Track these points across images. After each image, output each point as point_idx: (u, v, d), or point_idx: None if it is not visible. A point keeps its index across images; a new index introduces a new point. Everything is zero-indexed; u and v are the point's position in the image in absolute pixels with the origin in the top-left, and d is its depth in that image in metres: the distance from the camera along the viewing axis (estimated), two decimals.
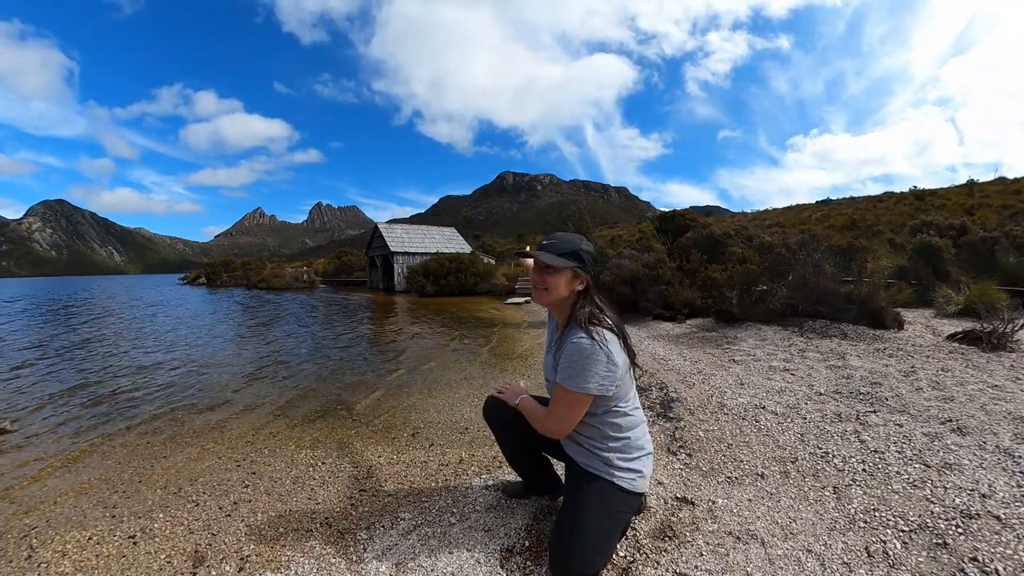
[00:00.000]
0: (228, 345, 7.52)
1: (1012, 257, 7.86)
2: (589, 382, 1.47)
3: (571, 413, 1.54)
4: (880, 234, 16.97)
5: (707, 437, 2.69)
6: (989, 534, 1.63)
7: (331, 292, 23.29)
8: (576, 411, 1.54)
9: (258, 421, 3.59)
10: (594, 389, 1.48)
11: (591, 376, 1.47)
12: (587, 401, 1.52)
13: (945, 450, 2.28)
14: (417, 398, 4.08)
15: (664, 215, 14.69)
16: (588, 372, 1.47)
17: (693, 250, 9.45)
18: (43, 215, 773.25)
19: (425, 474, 2.50)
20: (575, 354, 1.49)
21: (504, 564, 1.66)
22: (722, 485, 2.15)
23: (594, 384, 1.48)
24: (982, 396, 3.02)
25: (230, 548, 1.87)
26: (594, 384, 1.48)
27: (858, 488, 2.02)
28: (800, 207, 40.21)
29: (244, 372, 5.40)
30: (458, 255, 20.58)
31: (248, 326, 10.19)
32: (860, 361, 4.09)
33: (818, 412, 2.93)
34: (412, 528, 1.91)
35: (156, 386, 4.79)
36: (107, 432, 3.43)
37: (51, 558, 1.86)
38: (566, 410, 1.54)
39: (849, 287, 5.99)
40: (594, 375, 1.47)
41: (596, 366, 1.47)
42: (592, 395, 1.50)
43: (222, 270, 35.97)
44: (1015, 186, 25.06)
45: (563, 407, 1.54)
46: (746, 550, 1.64)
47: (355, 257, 34.31)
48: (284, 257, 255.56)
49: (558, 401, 1.55)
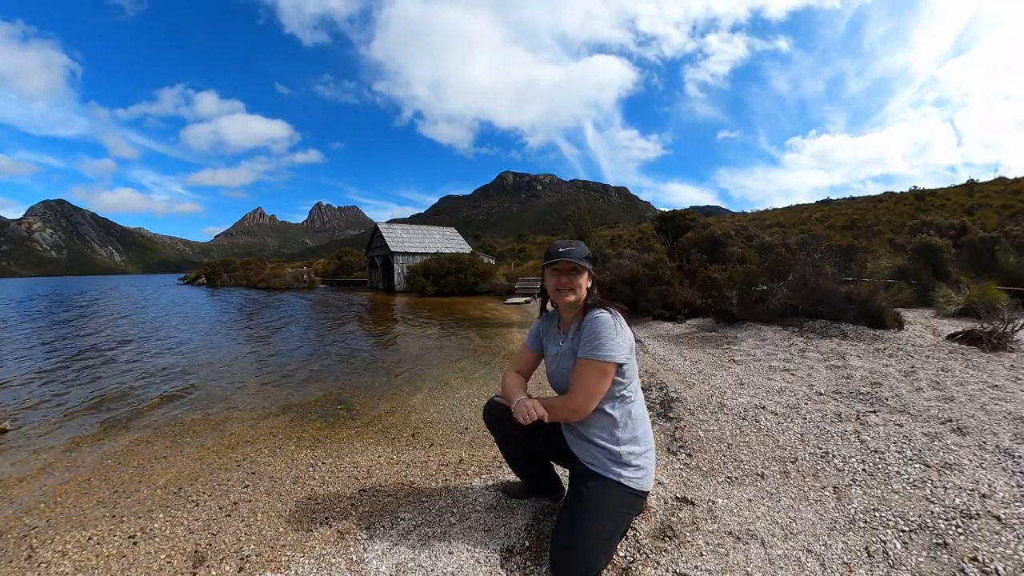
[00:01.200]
0: (228, 345, 7.52)
1: (1012, 257, 7.86)
2: (614, 350, 1.58)
3: (597, 386, 1.59)
4: (880, 234, 16.97)
5: (707, 437, 2.69)
6: (989, 534, 1.63)
7: (331, 292, 23.29)
8: (603, 384, 1.60)
9: (258, 421, 3.59)
10: (619, 356, 1.59)
11: (615, 345, 1.59)
12: (611, 372, 1.60)
13: (945, 450, 2.28)
14: (417, 398, 4.08)
15: (664, 215, 14.68)
16: (612, 341, 1.58)
17: (693, 250, 9.46)
18: (43, 215, 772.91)
19: (425, 474, 2.50)
20: (598, 326, 1.60)
21: (504, 564, 1.66)
22: (722, 485, 2.15)
23: (618, 352, 1.59)
24: (982, 396, 3.02)
25: (230, 548, 1.87)
26: (618, 352, 1.59)
27: (858, 488, 2.02)
28: (800, 207, 40.22)
29: (244, 372, 5.40)
30: (458, 255, 20.59)
31: (248, 326, 10.19)
32: (860, 361, 4.09)
33: (818, 412, 2.93)
34: (412, 528, 1.91)
35: (156, 386, 4.79)
36: (107, 432, 3.43)
37: (51, 558, 1.86)
38: (593, 383, 1.59)
39: (849, 287, 5.99)
40: (617, 344, 1.59)
41: (618, 336, 1.60)
42: (616, 363, 1.59)
43: (222, 270, 35.99)
44: (1015, 186, 25.08)
45: (589, 380, 1.59)
46: (746, 550, 1.64)
47: (355, 257, 34.32)
48: (284, 257, 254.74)
49: (583, 376, 1.60)
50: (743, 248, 9.67)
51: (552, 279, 1.73)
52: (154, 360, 6.25)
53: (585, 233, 11.34)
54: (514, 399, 1.73)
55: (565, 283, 1.70)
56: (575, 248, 1.71)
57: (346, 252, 36.97)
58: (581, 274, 1.70)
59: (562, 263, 1.69)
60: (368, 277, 26.37)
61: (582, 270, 1.69)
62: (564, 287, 1.70)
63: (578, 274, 1.69)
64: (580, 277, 1.69)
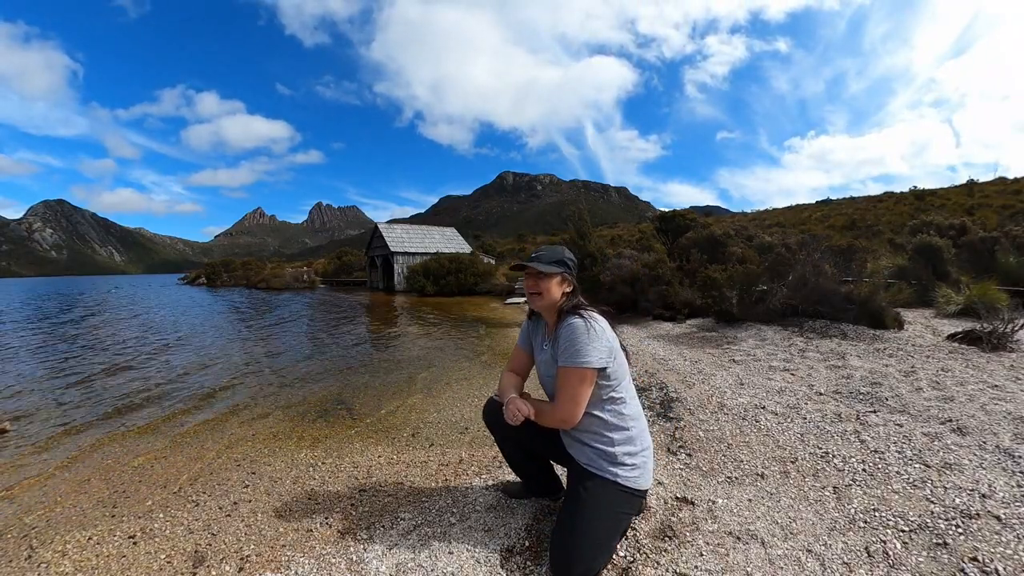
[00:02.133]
0: (228, 345, 7.52)
1: (1012, 257, 7.86)
2: (590, 355, 1.58)
3: (579, 393, 1.59)
4: (880, 234, 16.96)
5: (707, 437, 2.69)
6: (989, 534, 1.63)
7: (331, 292, 23.29)
8: (584, 390, 1.60)
9: (258, 421, 3.59)
10: (595, 361, 1.58)
11: (590, 350, 1.58)
12: (592, 377, 1.60)
13: (945, 450, 2.28)
14: (417, 398, 4.08)
15: (664, 215, 14.66)
16: (587, 346, 1.58)
17: (693, 250, 9.45)
18: (43, 215, 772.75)
19: (425, 474, 2.50)
20: (571, 333, 1.61)
21: (504, 564, 1.66)
22: (722, 485, 2.15)
23: (594, 356, 1.58)
24: (982, 396, 3.02)
25: (230, 548, 1.87)
26: (594, 356, 1.58)
27: (858, 488, 2.02)
28: (800, 207, 40.21)
29: (244, 372, 5.39)
30: (458, 255, 20.59)
31: (248, 326, 10.19)
32: (860, 361, 4.09)
33: (818, 412, 2.93)
34: (412, 528, 1.91)
35: (156, 386, 4.79)
36: (107, 432, 3.43)
37: (51, 558, 1.86)
38: (574, 390, 1.59)
39: (849, 287, 5.99)
40: (592, 348, 1.59)
41: (592, 340, 1.60)
42: (595, 368, 1.59)
43: (222, 270, 36.02)
44: (1015, 186, 25.07)
45: (570, 388, 1.60)
46: (746, 550, 1.64)
47: (355, 257, 34.32)
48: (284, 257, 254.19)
49: (564, 384, 1.61)
50: (743, 248, 9.67)
51: (527, 282, 1.78)
52: (154, 360, 6.25)
53: (585, 233, 11.33)
54: (505, 399, 1.75)
55: (531, 286, 1.75)
56: (546, 253, 1.76)
57: (346, 252, 36.98)
58: (549, 279, 1.72)
59: (529, 267, 1.73)
60: (368, 277, 26.37)
61: (549, 275, 1.71)
62: (530, 289, 1.75)
63: (545, 278, 1.72)
64: (547, 282, 1.71)
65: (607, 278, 8.42)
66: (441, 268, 18.89)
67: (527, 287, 1.78)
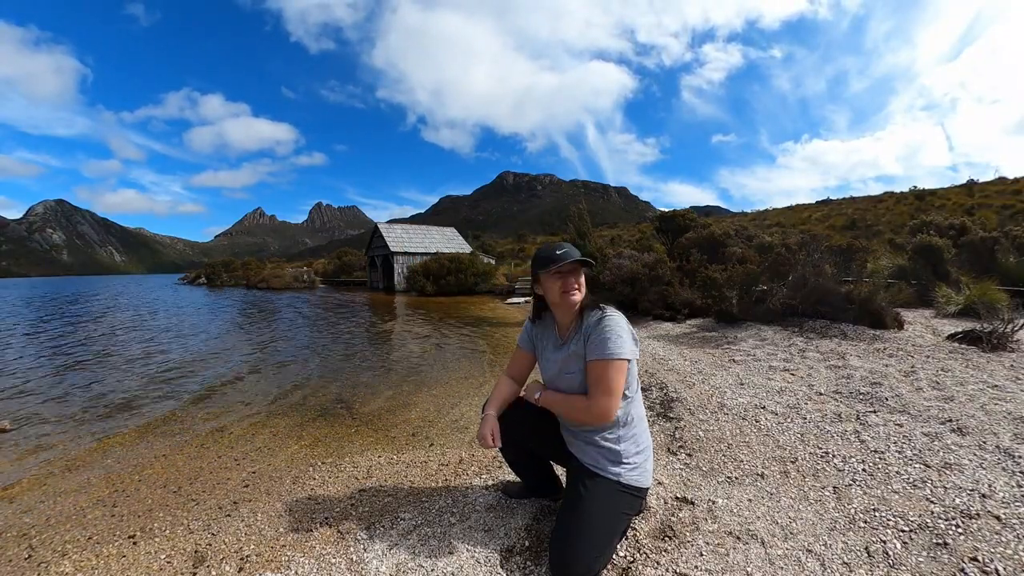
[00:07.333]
0: (228, 345, 7.52)
1: (1012, 257, 7.85)
2: (625, 347, 1.59)
3: (617, 384, 1.59)
4: (880, 234, 16.97)
5: (707, 437, 2.69)
6: (989, 534, 1.63)
7: (331, 292, 23.28)
8: (621, 382, 1.60)
9: (258, 420, 3.59)
10: (629, 353, 1.61)
11: (627, 342, 1.61)
12: (625, 370, 1.61)
13: (945, 450, 2.28)
14: (417, 398, 4.08)
15: (664, 215, 14.64)
16: (624, 338, 1.60)
17: (693, 250, 9.45)
18: (43, 215, 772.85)
19: (425, 474, 2.50)
20: (609, 326, 1.62)
21: (504, 564, 1.66)
22: (722, 485, 2.15)
23: (628, 348, 1.60)
24: (982, 396, 3.01)
25: (230, 548, 1.87)
26: (628, 348, 1.60)
27: (858, 488, 2.02)
28: (800, 207, 40.18)
29: (244, 372, 5.40)
30: (458, 255, 20.58)
31: (248, 326, 10.19)
32: (860, 361, 4.09)
33: (818, 412, 2.93)
34: (412, 528, 1.91)
35: (156, 385, 4.79)
36: (107, 431, 3.43)
37: (51, 558, 1.86)
38: (614, 383, 1.59)
39: (849, 287, 5.99)
40: (627, 341, 1.61)
41: (626, 333, 1.63)
42: (629, 359, 1.62)
43: (222, 270, 36.05)
44: (1015, 186, 25.05)
45: (609, 381, 1.58)
46: (746, 550, 1.64)
47: (355, 257, 34.30)
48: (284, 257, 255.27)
49: (602, 377, 1.59)
50: (743, 248, 9.66)
51: (557, 282, 1.68)
52: (153, 360, 6.25)
53: (585, 233, 11.33)
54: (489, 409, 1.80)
55: (572, 284, 1.68)
56: (569, 249, 1.72)
57: (346, 252, 36.97)
58: (583, 274, 1.72)
59: (566, 264, 1.66)
60: (368, 277, 26.36)
61: (583, 271, 1.71)
62: (571, 288, 1.68)
63: (582, 274, 1.72)
64: (582, 277, 1.72)
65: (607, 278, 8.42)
66: (441, 268, 18.90)
67: (568, 285, 1.68)
